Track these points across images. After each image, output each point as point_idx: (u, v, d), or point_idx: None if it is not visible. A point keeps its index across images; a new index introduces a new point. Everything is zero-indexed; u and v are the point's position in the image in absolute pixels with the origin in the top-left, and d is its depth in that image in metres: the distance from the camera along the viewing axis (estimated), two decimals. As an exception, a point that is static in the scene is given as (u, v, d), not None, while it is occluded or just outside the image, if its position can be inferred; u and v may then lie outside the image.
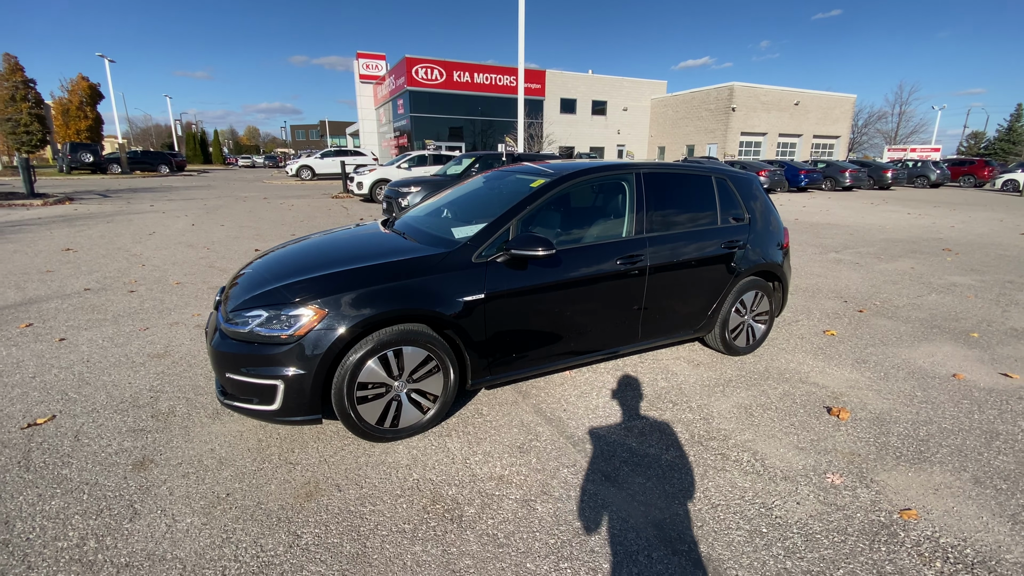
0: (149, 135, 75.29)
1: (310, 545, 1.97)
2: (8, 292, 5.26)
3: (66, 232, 9.19)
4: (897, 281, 6.44)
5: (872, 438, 2.81)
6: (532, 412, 3.02)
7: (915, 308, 5.29)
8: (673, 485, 2.37)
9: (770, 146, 37.47)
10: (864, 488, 2.38)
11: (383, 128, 42.26)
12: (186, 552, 1.93)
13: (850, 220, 12.61)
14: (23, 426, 2.76)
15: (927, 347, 4.20)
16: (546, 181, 3.06)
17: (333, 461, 2.51)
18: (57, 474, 2.37)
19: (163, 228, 9.94)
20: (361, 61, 41.62)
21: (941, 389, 3.44)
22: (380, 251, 2.87)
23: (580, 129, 39.03)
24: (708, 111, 36.22)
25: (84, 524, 2.06)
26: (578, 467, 2.50)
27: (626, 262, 3.14)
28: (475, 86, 34.45)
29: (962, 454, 2.67)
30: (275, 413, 2.43)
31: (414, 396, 2.66)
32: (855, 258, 7.91)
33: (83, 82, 35.83)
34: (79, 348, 3.86)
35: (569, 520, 2.13)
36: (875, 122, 54.95)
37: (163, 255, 7.35)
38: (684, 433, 2.83)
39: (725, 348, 3.84)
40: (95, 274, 6.14)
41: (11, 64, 29.22)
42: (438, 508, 2.18)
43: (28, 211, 12.03)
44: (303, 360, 2.36)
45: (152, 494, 2.25)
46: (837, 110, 39.62)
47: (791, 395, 3.32)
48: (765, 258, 3.82)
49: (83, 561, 1.88)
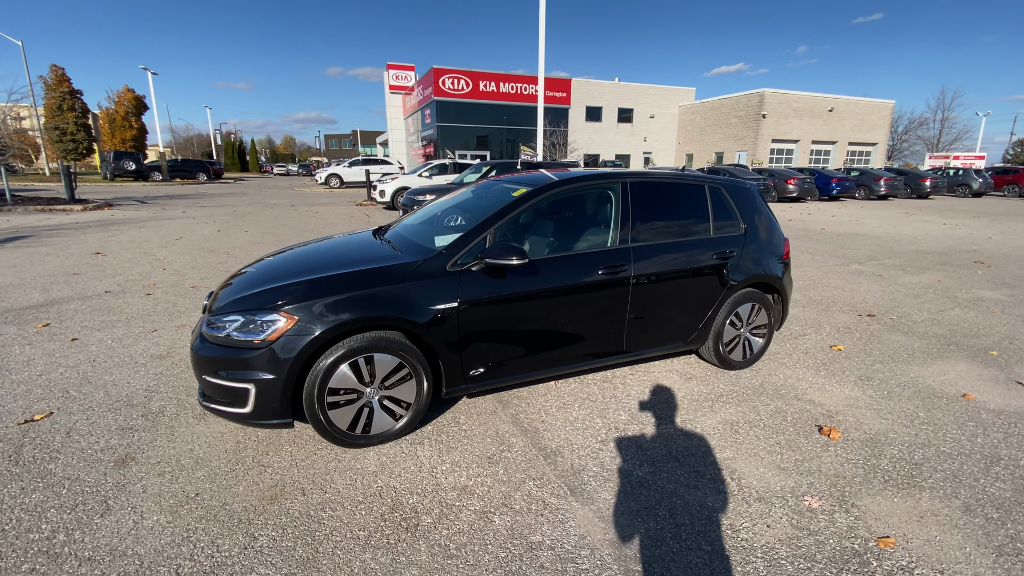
0: (191, 144, 78.71)
1: (264, 548, 2.00)
2: (33, 293, 5.56)
3: (99, 236, 9.67)
4: (920, 295, 6.14)
5: (861, 460, 2.68)
6: (509, 422, 3.00)
7: (934, 323, 5.03)
8: (639, 503, 2.31)
9: (803, 153, 36.45)
10: (843, 513, 2.27)
11: (411, 137, 43.04)
12: (146, 549, 1.99)
13: (880, 230, 12.12)
14: (20, 422, 2.90)
15: (940, 365, 3.99)
16: (526, 191, 3.06)
17: (304, 465, 2.55)
18: (43, 469, 2.48)
19: (190, 233, 10.35)
20: (391, 72, 42.56)
21: (947, 410, 3.25)
22: (360, 259, 2.92)
23: (606, 137, 38.85)
24: (738, 118, 35.53)
25: (58, 517, 2.15)
26: (545, 480, 2.46)
27: (609, 272, 3.09)
28: (501, 95, 34.76)
29: (956, 480, 2.52)
30: (248, 416, 2.48)
31: (386, 403, 2.68)
32: (878, 270, 7.60)
33: (129, 94, 37.81)
34: (88, 348, 4.05)
35: (525, 535, 2.09)
36: (916, 129, 52.83)
37: (185, 259, 7.64)
38: (661, 449, 2.76)
39: (720, 362, 3.73)
40: (118, 277, 6.44)
41: (58, 75, 31.10)
42: (396, 516, 2.19)
43: (67, 216, 12.72)
44: (274, 364, 2.41)
45: (126, 491, 2.33)
46: (874, 116, 38.25)
47: (783, 412, 3.20)
48: (762, 269, 3.70)
49: (50, 553, 1.96)
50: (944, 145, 51.15)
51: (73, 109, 31.65)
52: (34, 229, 10.48)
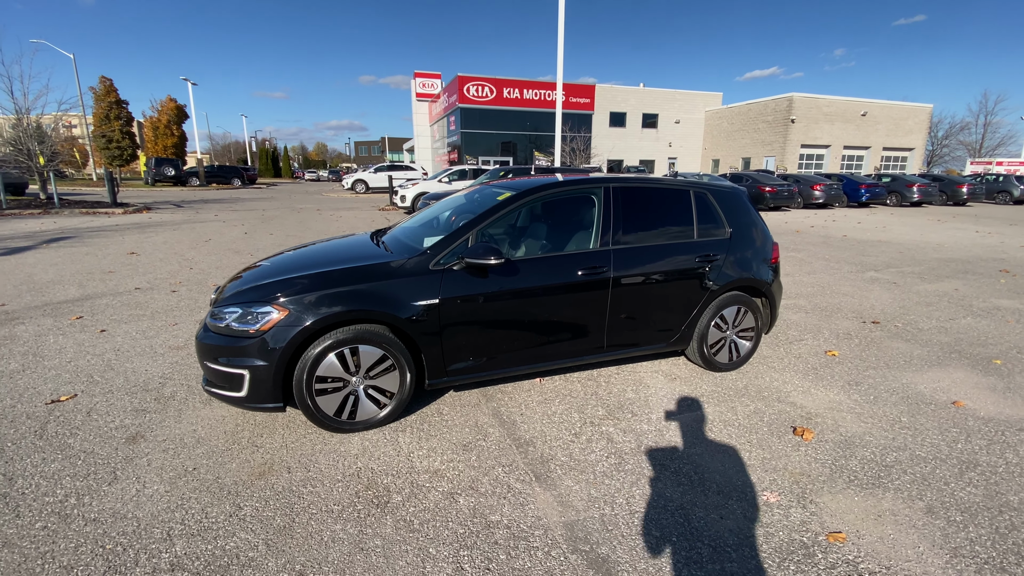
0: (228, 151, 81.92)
1: (247, 516, 2.20)
2: (71, 289, 6.01)
3: (135, 237, 10.27)
4: (932, 303, 6.01)
5: (830, 460, 2.72)
6: (490, 414, 3.14)
7: (941, 331, 4.95)
8: (600, 491, 2.42)
9: (834, 159, 35.52)
10: (799, 508, 2.33)
11: (436, 144, 43.79)
12: (144, 513, 2.21)
13: (905, 238, 11.79)
14: (47, 401, 3.21)
15: (936, 372, 3.94)
16: (510, 195, 3.22)
17: (293, 446, 2.75)
18: (63, 443, 2.76)
19: (219, 236, 10.87)
20: (418, 80, 43.47)
21: (932, 416, 3.24)
22: (352, 257, 3.12)
23: (630, 142, 38.71)
24: (765, 123, 34.90)
25: (72, 484, 2.40)
26: (513, 467, 2.60)
27: (589, 273, 3.22)
28: (524, 102, 35.07)
29: (925, 483, 2.54)
30: (243, 400, 2.70)
31: (371, 392, 2.86)
32: (894, 277, 7.44)
33: (171, 103, 39.77)
34: (114, 339, 4.39)
35: (485, 514, 2.24)
36: (957, 133, 50.71)
37: (211, 260, 8.07)
38: (632, 443, 2.86)
39: (705, 363, 3.79)
40: (148, 275, 6.87)
41: (106, 86, 33.05)
42: (369, 494, 2.36)
43: (109, 218, 13.52)
44: (266, 353, 2.63)
45: (133, 464, 2.58)
46: (910, 121, 36.96)
47: (760, 413, 3.25)
48: (748, 273, 3.75)
49: (61, 514, 2.20)
50: (987, 150, 48.96)
51: (119, 118, 33.51)
52: (77, 230, 11.19)
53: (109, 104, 33.24)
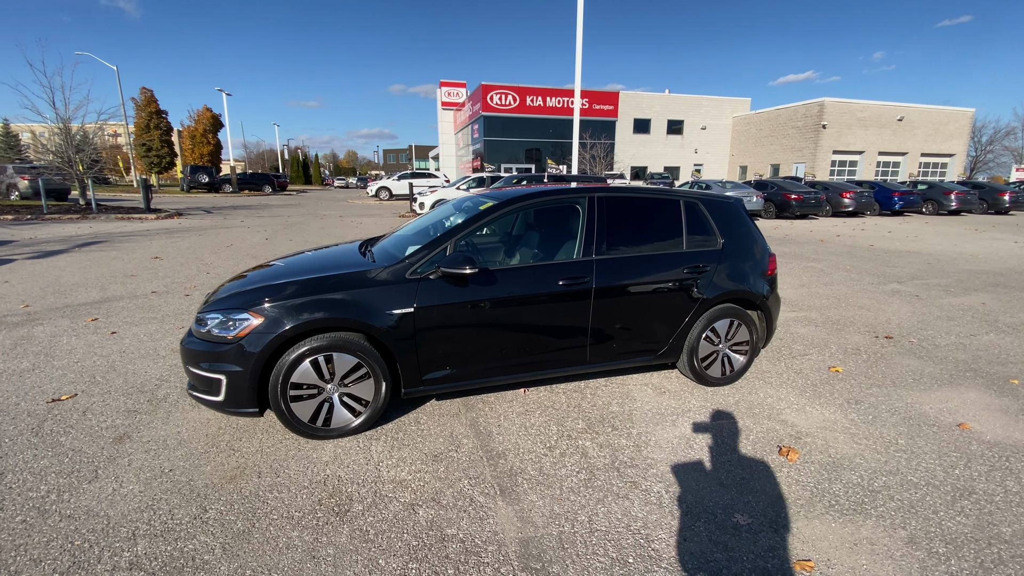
0: (261, 158, 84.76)
1: (210, 519, 2.25)
2: (92, 292, 6.29)
3: (162, 242, 10.70)
4: (955, 317, 5.72)
5: (813, 483, 2.61)
6: (467, 425, 3.13)
7: (959, 348, 4.70)
8: (563, 507, 2.38)
9: (868, 165, 34.32)
10: (769, 532, 2.24)
11: (461, 151, 44.27)
12: (115, 512, 2.28)
13: (937, 248, 11.27)
14: (49, 400, 3.36)
15: (945, 392, 3.74)
16: (490, 204, 3.22)
17: (268, 451, 2.80)
18: (56, 440, 2.88)
19: (241, 241, 11.22)
20: (443, 89, 44.08)
21: (933, 439, 3.07)
22: (333, 265, 3.17)
23: (654, 149, 38.32)
24: (795, 128, 34.03)
25: (55, 481, 2.50)
26: (480, 479, 2.58)
27: (569, 283, 3.18)
28: (547, 109, 35.17)
29: (912, 511, 2.40)
30: (221, 404, 2.77)
31: (346, 400, 2.90)
32: (918, 290, 7.11)
33: (207, 112, 41.38)
34: (123, 341, 4.57)
35: (442, 527, 2.22)
36: (1002, 138, 48.30)
37: (229, 265, 8.33)
38: (606, 458, 2.80)
39: (696, 377, 3.70)
40: (167, 279, 7.14)
41: (147, 97, 34.68)
42: (332, 502, 2.38)
43: (141, 224, 14.13)
44: (242, 358, 2.69)
45: (115, 463, 2.67)
46: (951, 126, 35.43)
47: (747, 430, 3.14)
48: (741, 285, 3.65)
49: (40, 509, 2.30)
50: (1036, 156, 46.45)
51: (159, 127, 35.07)
52: (110, 235, 11.73)
53: (149, 114, 34.84)
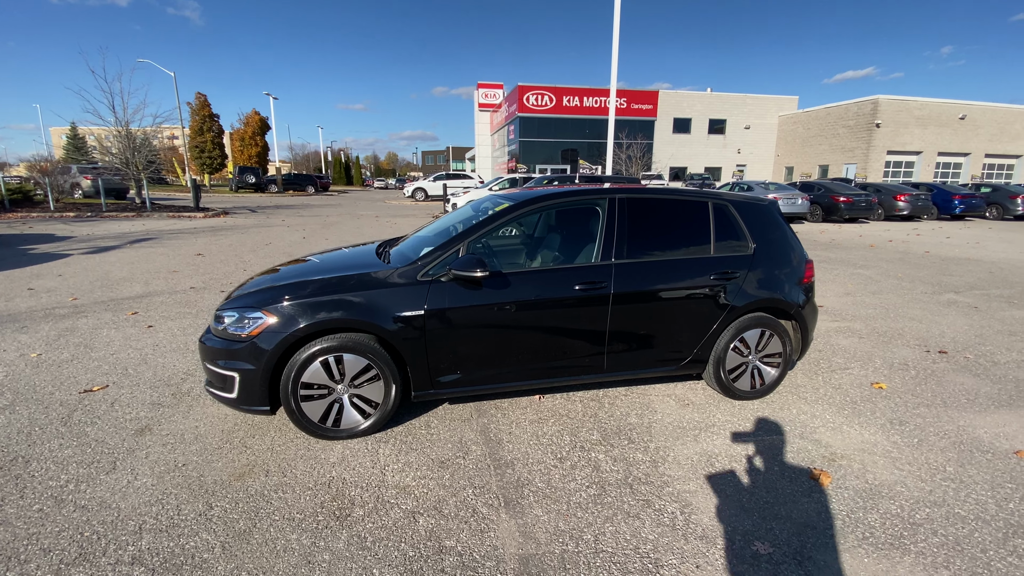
0: (307, 160, 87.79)
1: (214, 516, 2.26)
2: (136, 286, 6.60)
3: (206, 240, 11.17)
4: (1017, 332, 5.23)
5: (846, 511, 2.39)
6: (478, 431, 3.06)
7: (1020, 366, 4.28)
8: (570, 524, 2.27)
9: (926, 166, 32.26)
10: (793, 565, 2.06)
11: (497, 152, 44.45)
12: (127, 504, 2.33)
13: (1000, 255, 10.42)
14: (81, 391, 3.50)
15: (1003, 415, 3.40)
16: (506, 206, 3.14)
17: (278, 450, 2.81)
18: (82, 431, 2.99)
19: (279, 239, 11.58)
20: (481, 91, 44.43)
21: (986, 467, 2.78)
22: (349, 266, 3.17)
23: (695, 149, 37.32)
24: (846, 128, 32.37)
25: (76, 470, 2.59)
26: (484, 489, 2.50)
27: (587, 288, 3.06)
28: (583, 109, 34.84)
29: (957, 548, 2.16)
30: (234, 401, 2.81)
31: (356, 401, 2.88)
32: (976, 301, 6.57)
33: (256, 116, 43.17)
34: (157, 334, 4.75)
35: (441, 538, 2.16)
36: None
37: (265, 263, 8.59)
38: (619, 473, 2.67)
39: (723, 390, 3.50)
40: (206, 275, 7.42)
41: (201, 101, 36.52)
42: (334, 505, 2.35)
43: (190, 222, 14.83)
44: (254, 357, 2.71)
45: (134, 455, 2.74)
46: (1018, 124, 32.84)
47: (776, 449, 2.94)
48: (774, 293, 3.43)
49: (57, 497, 2.37)
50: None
51: (211, 130, 36.82)
52: (160, 232, 12.35)
53: (203, 117, 36.68)
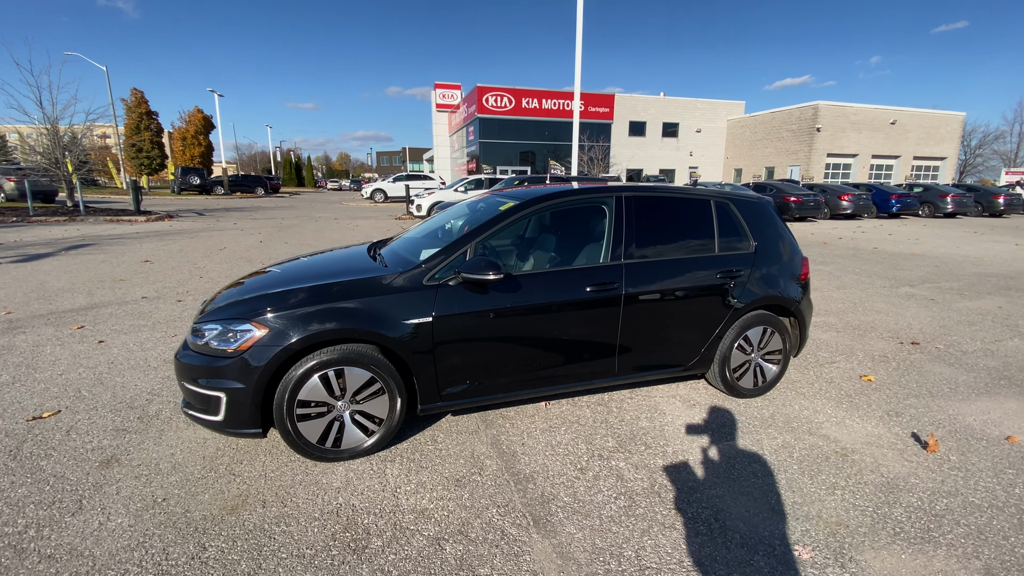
0: (254, 160, 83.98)
1: (211, 559, 1.99)
2: (79, 297, 5.98)
3: (152, 245, 10.35)
4: (975, 322, 5.56)
5: (871, 508, 2.39)
6: (488, 443, 2.89)
7: (987, 355, 4.53)
8: (606, 540, 2.15)
9: (862, 168, 34.50)
10: (836, 568, 2.02)
11: (456, 154, 44.00)
12: (102, 551, 2.02)
13: (940, 251, 11.19)
14: (29, 418, 3.07)
15: (985, 402, 3.56)
16: (512, 204, 2.99)
17: (272, 476, 2.54)
18: (35, 465, 2.60)
19: (234, 244, 10.90)
20: (438, 91, 43.79)
21: (984, 454, 2.88)
22: (340, 271, 2.93)
23: (649, 152, 38.28)
24: (790, 131, 34.13)
25: (34, 513, 2.23)
26: (510, 508, 2.34)
27: (598, 290, 2.96)
28: (543, 112, 35.00)
29: (982, 537, 2.20)
30: (220, 424, 2.51)
31: (358, 418, 2.64)
32: (932, 294, 6.97)
33: (198, 114, 40.84)
34: (111, 350, 4.28)
35: (473, 566, 1.98)
36: (991, 142, 48.96)
37: (222, 269, 8.03)
38: (644, 481, 2.57)
39: (727, 388, 3.48)
40: (157, 284, 6.83)
41: (137, 97, 34.16)
42: (347, 536, 2.13)
43: (131, 226, 13.74)
44: (244, 374, 2.43)
45: (102, 491, 2.40)
46: (942, 129, 35.74)
47: (790, 448, 2.93)
48: (775, 291, 3.44)
49: (17, 548, 2.02)
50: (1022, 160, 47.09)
51: (149, 128, 34.51)
52: (98, 238, 11.36)
53: (140, 115, 34.28)
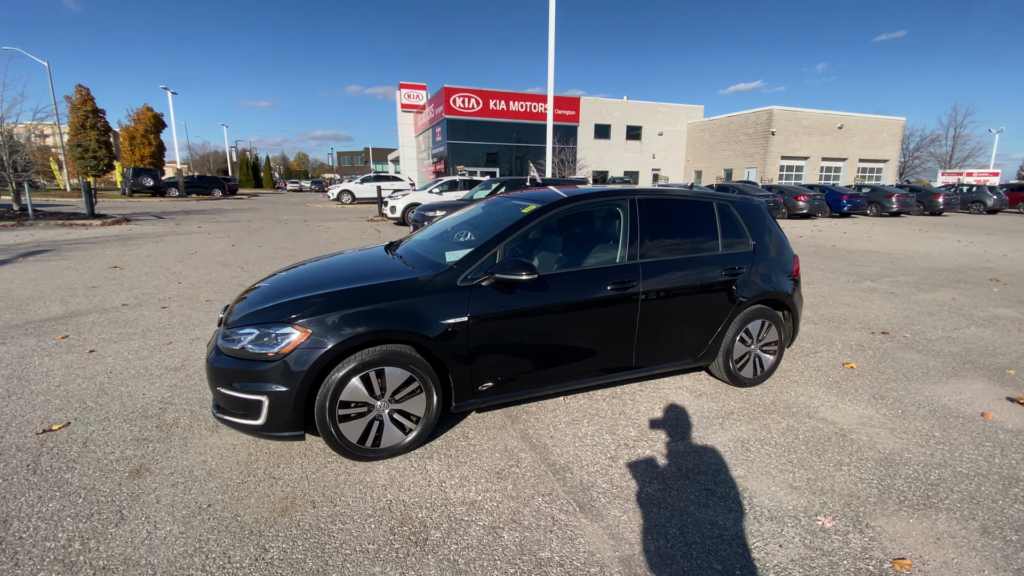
0: (207, 161, 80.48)
1: (275, 560, 2.01)
2: (53, 306, 5.69)
3: (117, 251, 9.88)
4: (934, 312, 6.07)
5: (876, 480, 2.64)
6: (518, 437, 3.00)
7: (949, 342, 4.97)
8: (650, 521, 2.30)
9: (813, 170, 36.41)
10: (857, 533, 2.23)
11: (422, 155, 43.65)
12: (159, 559, 2.01)
13: (892, 247, 12.03)
14: (38, 431, 2.96)
15: (955, 384, 3.93)
16: (536, 207, 3.11)
17: (314, 478, 2.56)
18: (60, 478, 2.53)
19: (205, 248, 10.53)
20: (403, 91, 43.36)
21: (963, 430, 3.20)
22: (372, 273, 2.97)
23: (614, 154, 39.14)
24: (746, 135, 35.65)
25: (74, 526, 2.18)
26: (554, 496, 2.46)
27: (618, 288, 3.11)
28: (510, 113, 35.23)
29: (974, 501, 2.47)
30: (260, 428, 2.52)
31: (396, 416, 2.70)
32: (891, 287, 7.53)
33: (148, 112, 38.90)
34: (105, 360, 4.12)
35: (534, 551, 2.09)
36: (928, 146, 52.70)
37: (200, 274, 7.78)
38: (672, 466, 2.74)
39: (730, 378, 3.71)
40: (135, 291, 6.56)
41: (83, 95, 32.22)
42: (405, 530, 2.19)
43: (87, 230, 13.02)
44: (287, 377, 2.45)
45: (141, 501, 2.36)
46: (884, 133, 38.19)
47: (794, 430, 3.17)
48: (772, 286, 3.70)
49: (65, 561, 1.98)
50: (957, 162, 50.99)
51: (96, 127, 32.62)
52: (55, 243, 10.73)
53: (85, 113, 32.34)
